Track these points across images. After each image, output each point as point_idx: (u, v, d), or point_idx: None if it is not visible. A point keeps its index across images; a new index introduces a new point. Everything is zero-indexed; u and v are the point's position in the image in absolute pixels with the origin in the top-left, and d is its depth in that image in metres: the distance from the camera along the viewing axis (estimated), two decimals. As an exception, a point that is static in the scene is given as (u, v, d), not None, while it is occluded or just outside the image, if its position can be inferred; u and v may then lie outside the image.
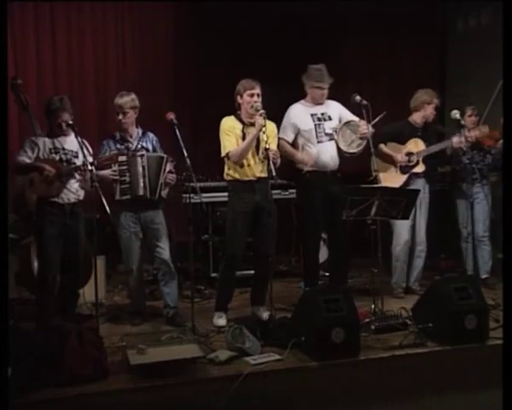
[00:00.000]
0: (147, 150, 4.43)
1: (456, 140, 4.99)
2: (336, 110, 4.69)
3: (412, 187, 4.93)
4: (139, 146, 4.43)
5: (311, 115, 4.62)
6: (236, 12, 6.50)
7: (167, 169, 4.41)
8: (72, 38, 6.28)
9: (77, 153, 4.19)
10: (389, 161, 5.07)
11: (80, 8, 6.27)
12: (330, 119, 4.65)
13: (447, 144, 5.09)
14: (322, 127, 4.61)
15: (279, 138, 4.57)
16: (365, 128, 4.45)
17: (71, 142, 4.20)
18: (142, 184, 4.32)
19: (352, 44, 7.13)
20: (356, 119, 4.57)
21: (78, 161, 4.18)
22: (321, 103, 4.67)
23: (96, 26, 6.37)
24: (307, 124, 4.61)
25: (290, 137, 4.62)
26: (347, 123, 4.61)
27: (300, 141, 4.63)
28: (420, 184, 5.00)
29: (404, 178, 5.04)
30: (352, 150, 4.59)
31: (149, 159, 4.37)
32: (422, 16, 7.17)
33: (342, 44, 7.03)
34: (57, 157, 4.16)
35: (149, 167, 4.35)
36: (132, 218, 4.40)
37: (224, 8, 6.43)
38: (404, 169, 5.05)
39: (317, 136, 4.60)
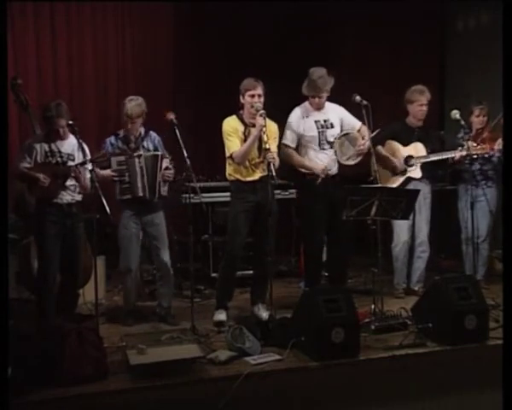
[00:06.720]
0: (148, 150, 4.42)
1: (459, 156, 4.94)
2: (337, 116, 4.64)
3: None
4: (140, 146, 4.42)
5: (315, 122, 4.57)
6: (236, 12, 6.50)
7: (163, 166, 4.38)
8: (72, 37, 6.25)
9: (73, 155, 4.22)
10: (387, 164, 5.00)
11: (80, 8, 6.25)
12: (332, 126, 4.60)
13: (449, 156, 5.04)
14: (324, 135, 4.57)
15: (282, 144, 4.53)
16: (363, 144, 4.43)
17: (67, 145, 4.23)
18: (140, 185, 4.31)
19: (352, 44, 7.12)
20: (357, 123, 4.54)
21: (74, 163, 4.18)
22: (322, 108, 4.61)
23: (96, 26, 6.34)
24: (311, 130, 4.56)
25: (294, 143, 4.56)
26: (346, 134, 4.56)
27: (303, 147, 4.58)
28: (420, 187, 4.93)
29: (400, 179, 5.00)
30: (348, 162, 4.54)
31: (146, 159, 4.36)
32: (422, 16, 7.16)
33: (342, 44, 7.02)
34: (53, 160, 4.17)
35: (147, 168, 4.34)
36: (133, 218, 4.39)
37: (224, 8, 6.42)
38: (401, 171, 5.02)
39: (319, 143, 4.56)
